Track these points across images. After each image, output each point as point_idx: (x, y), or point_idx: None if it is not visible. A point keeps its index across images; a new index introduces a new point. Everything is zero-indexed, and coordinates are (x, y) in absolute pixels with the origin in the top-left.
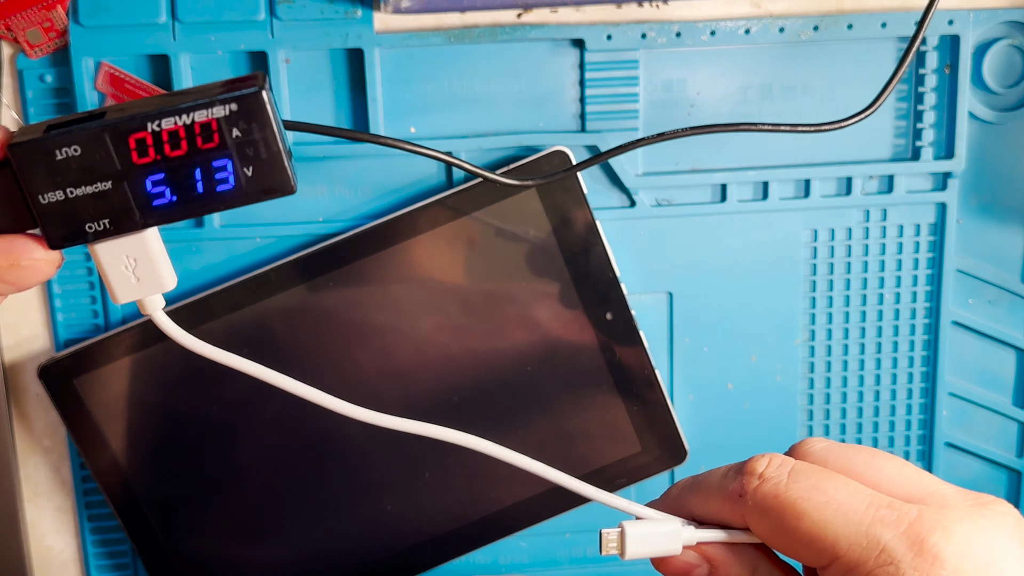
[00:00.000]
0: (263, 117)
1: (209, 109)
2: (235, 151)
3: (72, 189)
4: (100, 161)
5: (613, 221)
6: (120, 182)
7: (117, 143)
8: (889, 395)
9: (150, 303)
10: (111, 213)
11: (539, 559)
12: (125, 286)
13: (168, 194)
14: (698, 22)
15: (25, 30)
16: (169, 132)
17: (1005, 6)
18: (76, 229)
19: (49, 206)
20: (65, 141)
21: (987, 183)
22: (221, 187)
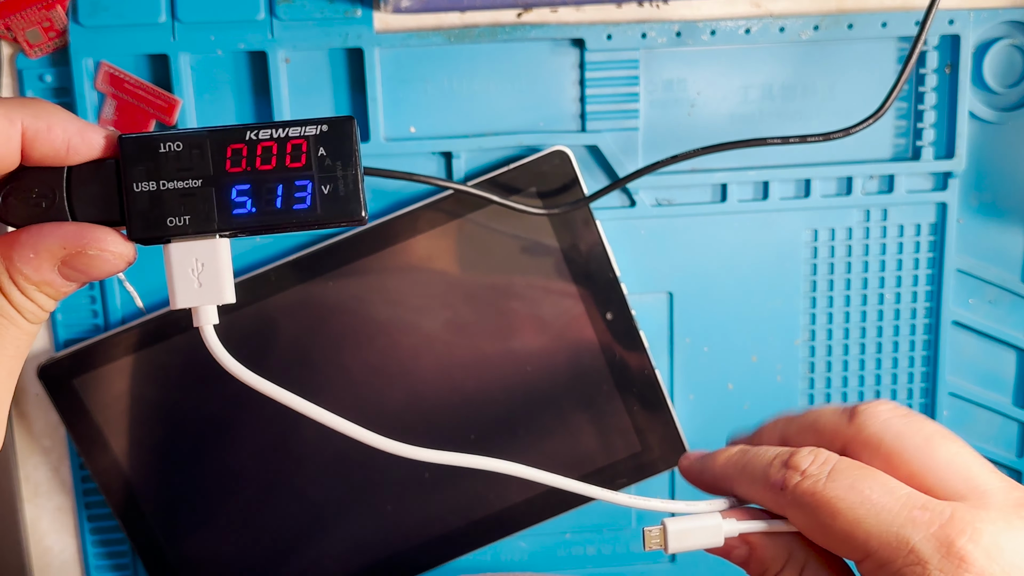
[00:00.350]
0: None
1: (303, 128)
2: (316, 172)
3: (164, 182)
4: (196, 162)
5: (613, 221)
6: (208, 185)
7: (215, 148)
8: (889, 395)
9: (204, 313)
10: (193, 211)
11: (539, 559)
12: (187, 289)
13: (248, 205)
14: (698, 22)
15: (25, 30)
16: (263, 146)
17: (1005, 6)
18: (158, 221)
19: (140, 196)
20: (170, 137)
21: (988, 183)
22: (298, 206)
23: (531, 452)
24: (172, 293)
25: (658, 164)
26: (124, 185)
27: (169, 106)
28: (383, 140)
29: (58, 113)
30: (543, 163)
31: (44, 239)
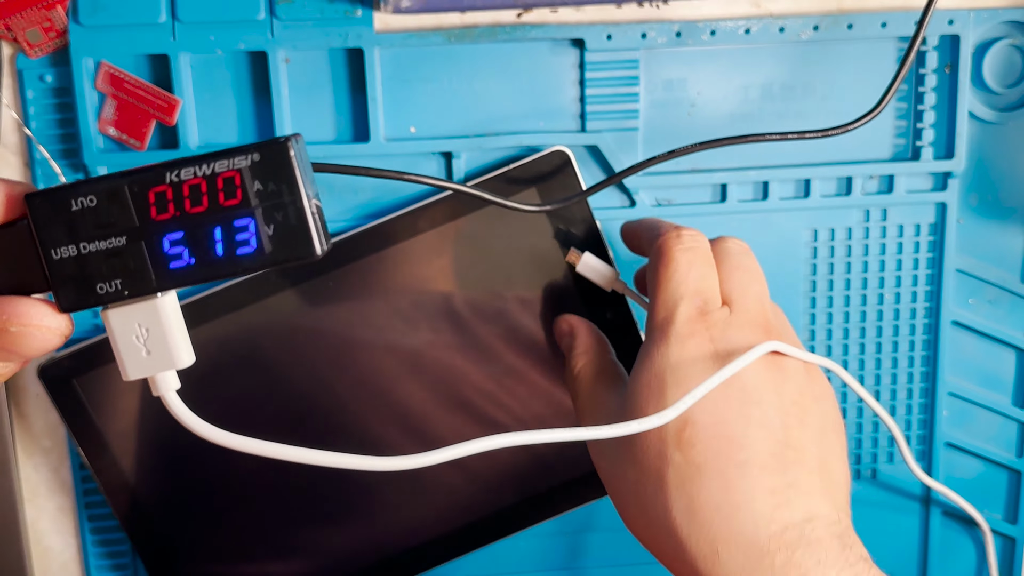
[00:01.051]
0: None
1: (231, 159)
2: (257, 208)
3: (85, 244)
4: (117, 214)
5: (613, 221)
6: (137, 240)
7: (136, 196)
8: (889, 395)
9: (161, 381)
10: (125, 273)
11: (538, 559)
12: (135, 360)
13: (186, 255)
14: (698, 22)
15: (25, 30)
16: (190, 185)
17: (1005, 6)
18: (87, 288)
19: (61, 262)
20: (82, 191)
21: (987, 183)
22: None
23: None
24: (121, 365)
25: (655, 159)
26: (42, 253)
27: (169, 106)
28: (383, 140)
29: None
30: (543, 163)
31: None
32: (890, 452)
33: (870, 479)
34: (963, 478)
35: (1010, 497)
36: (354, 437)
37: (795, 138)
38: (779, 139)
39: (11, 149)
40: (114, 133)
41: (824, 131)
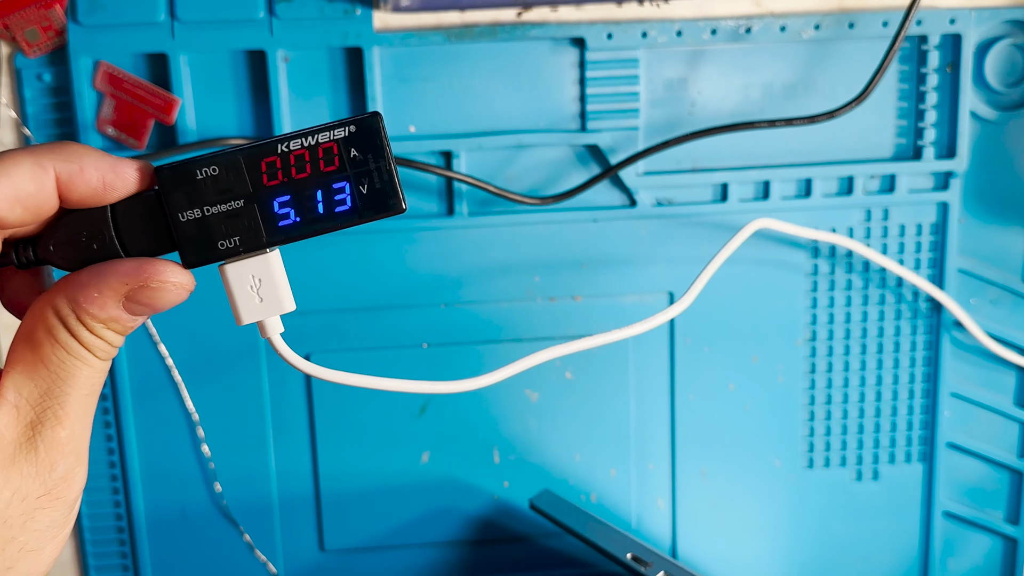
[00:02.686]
0: (378, 140)
1: (331, 132)
2: (352, 172)
3: (208, 208)
4: (235, 182)
5: (613, 221)
6: (251, 203)
7: (251, 165)
8: (891, 395)
9: (270, 325)
10: (241, 231)
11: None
12: (250, 306)
13: (292, 215)
14: (699, 21)
15: (23, 29)
16: (296, 155)
17: (1007, 5)
18: (209, 246)
19: (187, 224)
20: (205, 162)
21: (989, 182)
22: (339, 208)
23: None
24: (236, 311)
25: (649, 150)
26: (169, 216)
27: (168, 105)
28: None
29: (89, 153)
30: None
31: (106, 278)
32: (891, 452)
33: (870, 479)
34: (964, 479)
35: (1012, 498)
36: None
37: (783, 125)
38: (768, 126)
39: (10, 148)
40: (112, 132)
41: (812, 117)
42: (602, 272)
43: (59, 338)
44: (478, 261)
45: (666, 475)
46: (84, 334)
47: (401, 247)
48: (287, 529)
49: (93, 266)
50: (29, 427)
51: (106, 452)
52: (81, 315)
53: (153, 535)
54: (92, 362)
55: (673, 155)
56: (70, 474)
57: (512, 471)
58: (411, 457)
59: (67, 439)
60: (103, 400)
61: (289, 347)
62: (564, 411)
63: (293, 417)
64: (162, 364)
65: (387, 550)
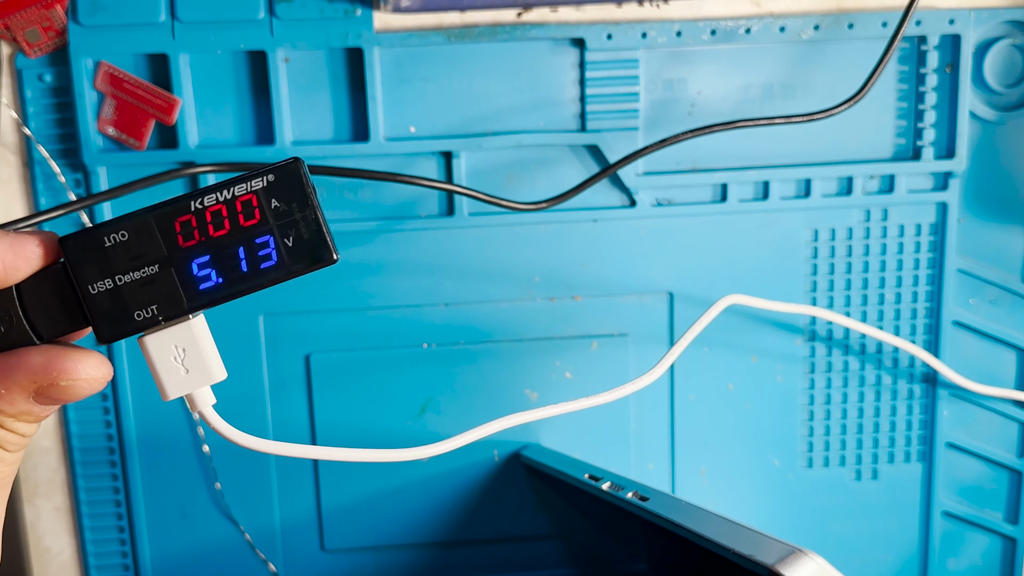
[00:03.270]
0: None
1: (248, 183)
2: (275, 225)
3: (120, 276)
4: (147, 246)
5: (613, 221)
6: (167, 267)
7: (163, 227)
8: (890, 395)
9: (200, 398)
10: (158, 299)
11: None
12: (174, 379)
13: (214, 276)
14: (699, 21)
15: (24, 29)
16: (212, 211)
17: (1006, 5)
18: (124, 318)
19: (99, 296)
20: (112, 228)
21: (988, 182)
22: (265, 264)
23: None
24: (160, 386)
25: (647, 148)
26: (79, 289)
27: (169, 105)
28: (383, 140)
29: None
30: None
31: (12, 373)
32: (890, 452)
33: (869, 479)
34: (964, 478)
35: (1011, 497)
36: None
37: (781, 123)
38: (766, 124)
39: (10, 148)
40: (113, 133)
41: (810, 115)
42: (602, 272)
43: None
44: (478, 261)
45: (666, 475)
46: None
47: (401, 247)
48: (287, 528)
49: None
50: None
51: (107, 452)
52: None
53: (153, 534)
54: (3, 456)
55: (673, 155)
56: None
57: (512, 470)
58: None
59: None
60: (104, 400)
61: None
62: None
63: (293, 416)
64: None
65: (387, 550)
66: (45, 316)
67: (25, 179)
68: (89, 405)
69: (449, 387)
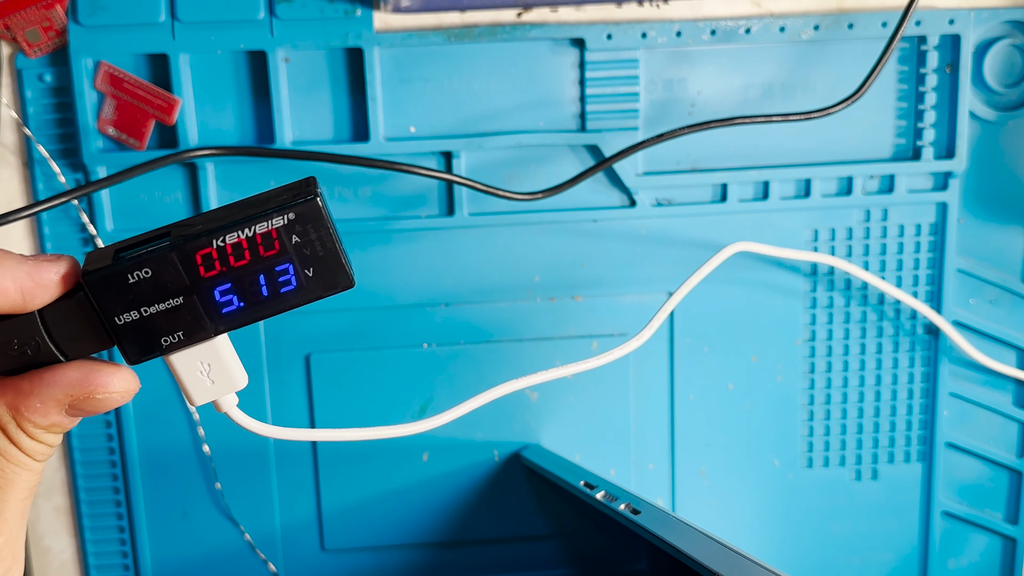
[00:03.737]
0: (319, 223)
1: (269, 220)
2: (295, 255)
3: (146, 308)
4: (170, 279)
5: (613, 221)
6: (190, 296)
7: (185, 261)
8: (890, 395)
9: (225, 402)
10: (184, 326)
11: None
12: (201, 389)
13: (235, 301)
14: (698, 21)
15: (24, 29)
16: (232, 245)
17: (1006, 5)
18: (152, 343)
19: (125, 326)
20: (136, 265)
21: (988, 183)
22: (284, 289)
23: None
24: (187, 395)
25: (644, 143)
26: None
27: (169, 106)
28: (383, 140)
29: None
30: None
31: (49, 388)
32: (890, 452)
33: (870, 479)
34: (964, 478)
35: (1011, 497)
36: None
37: (778, 120)
38: (764, 121)
39: (10, 148)
40: (113, 132)
41: (807, 113)
42: (602, 272)
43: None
44: (478, 261)
45: (666, 474)
46: (24, 441)
47: (401, 247)
48: (287, 528)
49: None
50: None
51: (107, 452)
52: (22, 423)
53: (153, 534)
54: (31, 466)
55: (672, 155)
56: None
57: (512, 470)
58: (412, 456)
59: (3, 544)
60: None
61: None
62: (564, 411)
63: (294, 416)
64: (163, 364)
65: (388, 550)
66: (72, 339)
67: (25, 179)
68: None
69: (449, 387)
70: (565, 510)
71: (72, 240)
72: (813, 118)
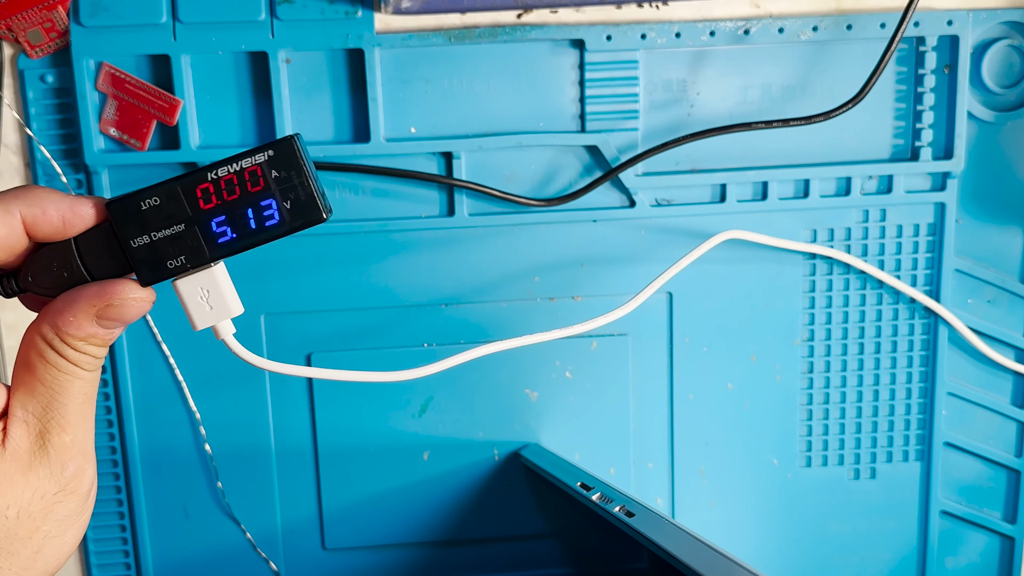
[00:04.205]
0: (295, 159)
1: (252, 157)
2: (276, 190)
3: (155, 233)
4: (175, 208)
5: (613, 221)
6: (192, 225)
7: (187, 193)
8: (888, 395)
9: (222, 328)
10: (186, 251)
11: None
12: (201, 314)
13: (229, 232)
14: (698, 22)
15: (26, 30)
16: (225, 180)
17: (1004, 6)
18: (160, 266)
19: (139, 249)
20: (148, 194)
21: (986, 183)
22: (269, 222)
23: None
24: (191, 319)
25: (649, 152)
26: (123, 243)
27: (170, 107)
28: (383, 140)
29: (50, 196)
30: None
31: (75, 303)
32: (888, 451)
33: (869, 478)
34: (962, 478)
35: (1009, 496)
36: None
37: (779, 126)
38: (764, 127)
39: (12, 149)
40: (115, 133)
41: (808, 118)
42: (602, 272)
43: (49, 359)
44: (478, 261)
45: (665, 473)
46: (69, 352)
47: (402, 247)
48: (288, 527)
49: (65, 293)
50: (39, 437)
51: (109, 451)
52: (63, 336)
53: (155, 533)
54: (81, 374)
55: (672, 156)
56: (79, 471)
57: (512, 469)
58: (412, 456)
59: (71, 442)
60: (106, 400)
61: (242, 345)
62: (564, 410)
63: (295, 416)
64: (165, 364)
65: (388, 549)
66: (98, 263)
67: (27, 180)
68: None
69: (449, 387)
70: (566, 508)
71: None
72: (814, 122)
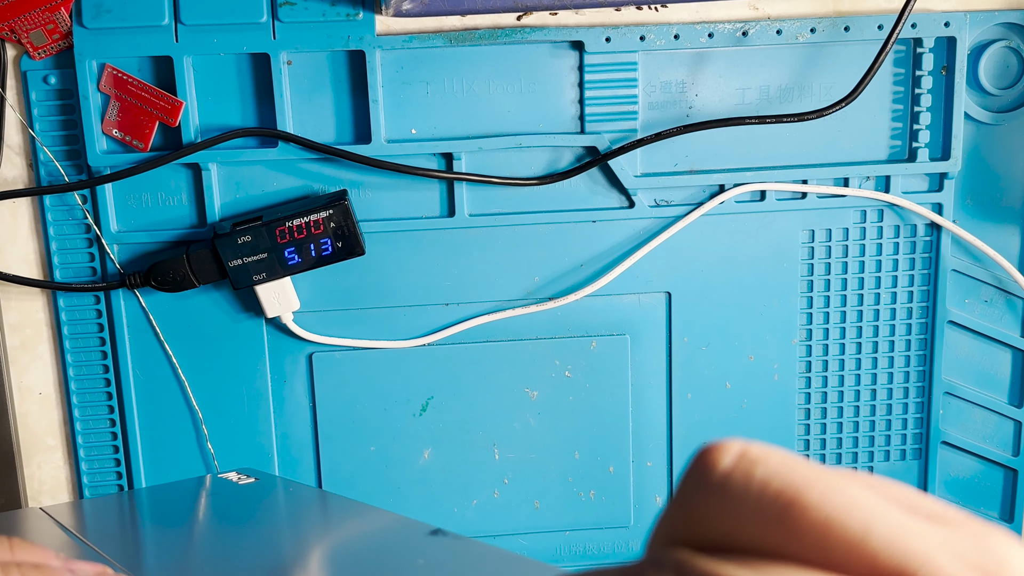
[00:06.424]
0: (347, 216)
1: (318, 213)
2: (331, 234)
3: (246, 258)
4: (260, 243)
5: (612, 221)
6: (271, 253)
7: (270, 233)
8: (886, 394)
9: (285, 317)
10: (266, 270)
11: (539, 556)
12: (272, 307)
13: (296, 258)
14: (696, 24)
15: (29, 32)
16: (296, 226)
17: (1000, 8)
18: (248, 278)
19: (234, 267)
20: (243, 233)
21: (983, 184)
22: (324, 252)
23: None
24: (264, 310)
25: (642, 141)
26: (224, 263)
27: (173, 108)
28: (384, 142)
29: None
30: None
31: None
32: (885, 450)
33: None
34: (959, 477)
35: (1006, 495)
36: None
37: (772, 122)
38: (758, 123)
39: (15, 150)
40: (117, 134)
41: (801, 115)
42: (601, 272)
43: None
44: (478, 261)
45: (664, 472)
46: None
47: (402, 247)
48: None
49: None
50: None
51: (111, 450)
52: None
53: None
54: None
55: (671, 156)
56: None
57: (512, 468)
58: (412, 455)
59: None
60: (109, 399)
61: (299, 326)
62: (563, 409)
63: (296, 415)
64: (167, 364)
65: None
66: (205, 273)
67: (30, 181)
68: (94, 403)
69: (450, 386)
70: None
71: (76, 240)
72: (807, 119)
